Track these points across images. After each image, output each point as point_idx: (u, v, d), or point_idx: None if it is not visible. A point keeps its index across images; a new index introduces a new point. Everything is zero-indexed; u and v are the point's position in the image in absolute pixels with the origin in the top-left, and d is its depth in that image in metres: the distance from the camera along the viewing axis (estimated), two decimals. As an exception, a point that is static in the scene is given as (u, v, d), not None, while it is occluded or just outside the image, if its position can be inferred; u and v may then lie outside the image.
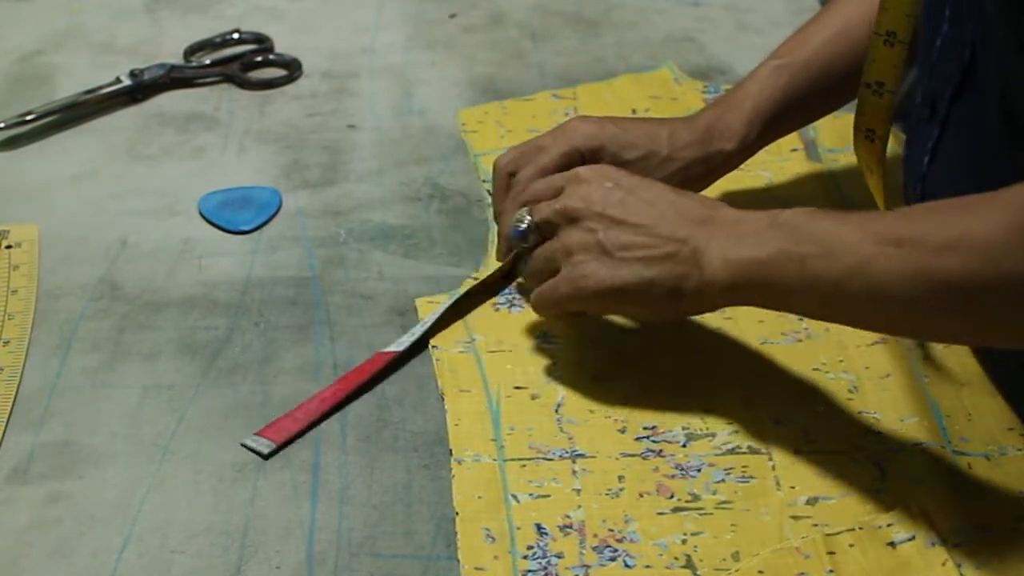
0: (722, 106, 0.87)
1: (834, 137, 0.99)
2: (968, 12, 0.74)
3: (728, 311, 0.82)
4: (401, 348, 0.79)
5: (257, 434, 0.74)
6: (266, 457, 0.72)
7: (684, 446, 0.73)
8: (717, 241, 0.70)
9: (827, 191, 0.95)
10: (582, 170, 0.77)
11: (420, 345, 0.80)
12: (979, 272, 0.61)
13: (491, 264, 0.86)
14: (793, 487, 0.71)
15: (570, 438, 0.74)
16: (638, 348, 0.80)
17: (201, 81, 1.09)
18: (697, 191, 0.87)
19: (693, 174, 0.85)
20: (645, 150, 0.84)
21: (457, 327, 0.82)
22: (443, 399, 0.76)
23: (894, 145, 0.96)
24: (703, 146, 0.85)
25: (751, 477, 0.71)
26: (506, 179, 0.85)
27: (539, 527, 0.68)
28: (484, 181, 0.96)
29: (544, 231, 0.77)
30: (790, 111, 0.87)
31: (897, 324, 0.69)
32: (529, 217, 0.78)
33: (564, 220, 0.75)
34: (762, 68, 0.88)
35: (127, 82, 1.06)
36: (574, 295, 0.74)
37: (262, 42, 1.14)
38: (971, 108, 0.76)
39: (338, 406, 0.76)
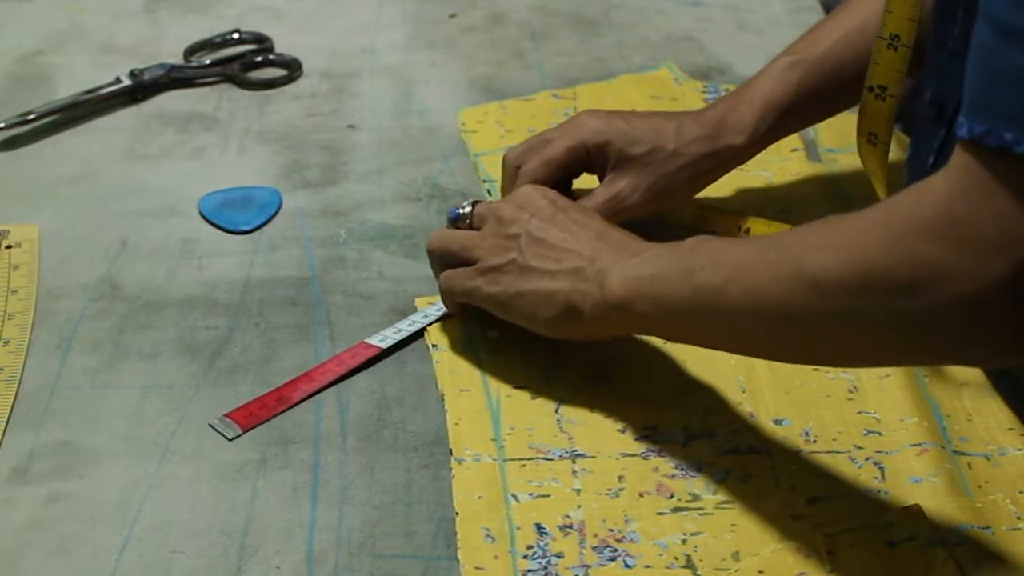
0: (733, 100, 0.87)
1: (834, 137, 0.99)
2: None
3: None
4: (385, 344, 0.79)
5: (226, 416, 0.74)
6: (230, 439, 0.73)
7: (684, 446, 0.73)
8: (621, 263, 0.71)
9: (827, 191, 0.95)
10: (527, 187, 0.79)
11: (420, 344, 0.81)
12: (841, 267, 0.59)
13: None
14: (793, 487, 0.71)
15: (570, 438, 0.74)
16: (638, 348, 0.80)
17: (201, 81, 1.09)
18: (704, 186, 0.87)
19: (701, 169, 0.86)
20: (651, 145, 0.84)
21: (457, 327, 0.82)
22: (443, 399, 0.76)
23: (896, 147, 0.97)
24: (712, 141, 0.85)
25: (751, 477, 0.71)
26: (515, 172, 0.86)
27: (539, 527, 0.68)
28: (484, 181, 0.96)
29: (475, 225, 0.79)
30: (801, 107, 0.87)
31: (773, 338, 0.66)
32: (470, 207, 0.80)
33: (494, 218, 0.78)
34: (775, 64, 0.87)
35: (127, 82, 1.06)
36: (481, 293, 0.76)
37: (262, 42, 1.14)
38: None
39: (313, 395, 0.77)
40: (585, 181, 0.87)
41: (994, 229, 0.55)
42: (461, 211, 0.80)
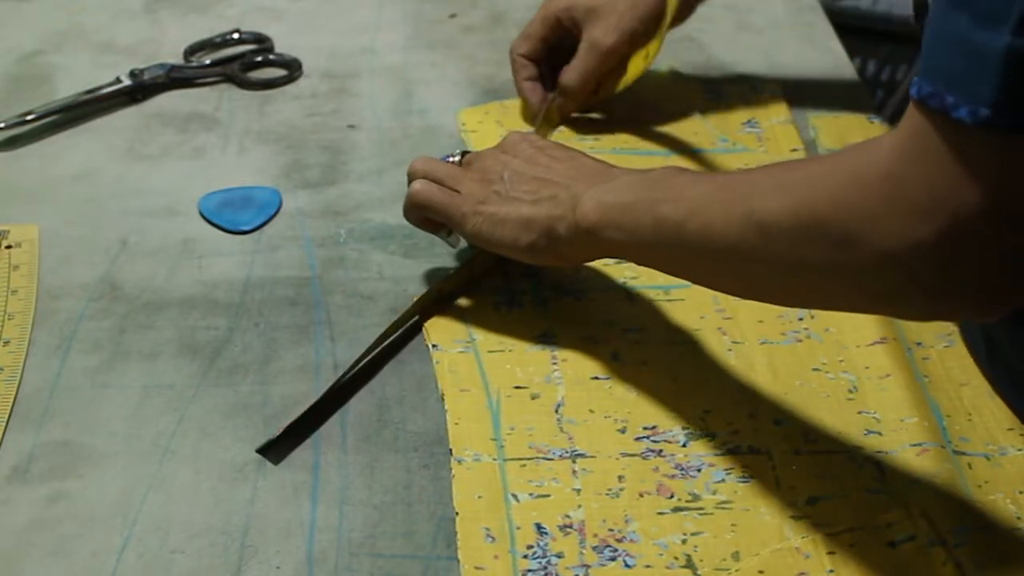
0: None
1: (834, 137, 0.99)
2: None
3: (728, 311, 0.82)
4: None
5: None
6: (276, 441, 0.73)
7: (684, 446, 0.73)
8: (595, 190, 0.75)
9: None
10: (512, 133, 0.84)
11: (420, 344, 0.81)
12: (786, 212, 0.61)
13: (485, 254, 0.85)
14: (793, 487, 0.71)
15: (570, 438, 0.74)
16: (638, 348, 0.80)
17: (201, 81, 1.09)
18: (670, 24, 0.97)
19: (661, 9, 0.94)
20: None
21: (457, 327, 0.82)
22: (443, 399, 0.76)
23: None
24: None
25: (751, 477, 0.71)
26: (518, 58, 0.99)
27: (539, 527, 0.68)
28: (484, 181, 0.96)
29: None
30: None
31: (726, 274, 0.69)
32: (460, 156, 0.85)
33: (479, 160, 0.82)
34: None
35: (127, 82, 1.06)
36: (467, 222, 0.79)
37: (262, 42, 1.14)
38: None
39: (336, 394, 0.76)
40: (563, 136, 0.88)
41: (923, 192, 0.55)
42: (451, 159, 0.84)
